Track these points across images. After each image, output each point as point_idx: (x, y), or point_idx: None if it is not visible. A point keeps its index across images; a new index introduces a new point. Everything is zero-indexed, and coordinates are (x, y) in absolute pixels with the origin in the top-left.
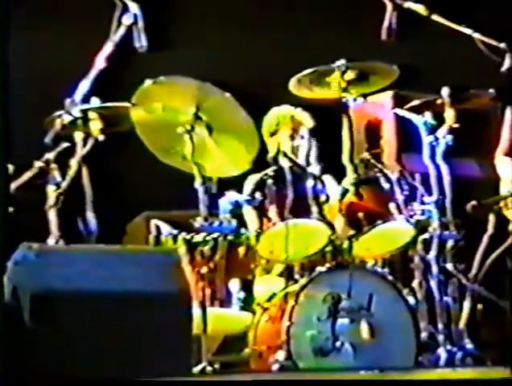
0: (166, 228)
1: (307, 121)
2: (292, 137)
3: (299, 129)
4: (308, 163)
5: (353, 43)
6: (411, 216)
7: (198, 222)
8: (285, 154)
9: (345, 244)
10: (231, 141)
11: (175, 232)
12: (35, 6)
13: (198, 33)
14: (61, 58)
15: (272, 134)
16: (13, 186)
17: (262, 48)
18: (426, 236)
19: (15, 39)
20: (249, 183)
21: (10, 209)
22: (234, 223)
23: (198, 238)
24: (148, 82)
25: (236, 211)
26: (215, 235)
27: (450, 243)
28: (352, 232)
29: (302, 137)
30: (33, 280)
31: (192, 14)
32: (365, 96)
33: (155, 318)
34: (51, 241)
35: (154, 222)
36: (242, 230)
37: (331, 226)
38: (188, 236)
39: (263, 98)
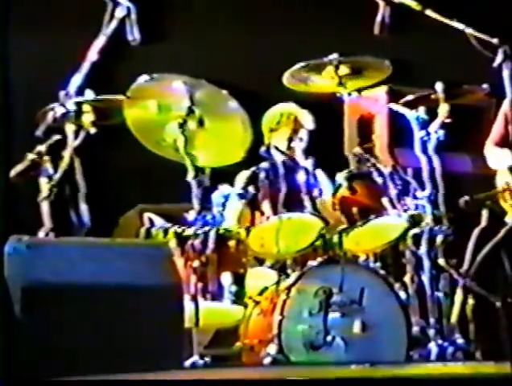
0: (159, 221)
1: (308, 123)
2: (291, 139)
3: (299, 131)
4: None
5: (347, 38)
6: (405, 211)
7: (191, 215)
8: (277, 148)
9: (335, 238)
10: (224, 132)
11: (168, 225)
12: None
13: (191, 25)
14: (60, 53)
15: (272, 130)
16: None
17: (257, 43)
18: (417, 230)
19: (14, 37)
20: (241, 178)
21: None
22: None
23: (190, 231)
24: (142, 79)
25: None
26: (207, 228)
27: (441, 237)
28: (343, 226)
29: (301, 140)
30: (23, 272)
31: (185, 6)
32: (359, 90)
33: (147, 311)
34: (42, 233)
35: (147, 215)
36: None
37: (323, 220)
38: (181, 230)
39: (258, 93)
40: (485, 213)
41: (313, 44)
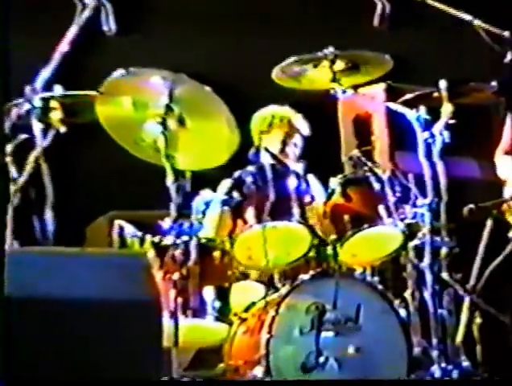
0: (130, 229)
1: (304, 128)
2: (284, 142)
3: (293, 136)
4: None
5: (344, 31)
6: (402, 220)
7: (166, 223)
8: (267, 150)
9: (330, 250)
10: (207, 133)
11: (139, 233)
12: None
13: (172, 15)
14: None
15: (262, 132)
16: None
17: (244, 35)
18: (418, 242)
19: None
20: (226, 183)
21: None
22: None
23: (166, 241)
24: (117, 73)
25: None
26: (187, 237)
27: (444, 250)
28: (334, 236)
29: (295, 145)
30: None
31: None
32: (355, 87)
33: (121, 328)
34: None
35: (117, 222)
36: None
37: (313, 230)
38: (156, 239)
39: (245, 89)
40: (489, 223)
41: (308, 37)
